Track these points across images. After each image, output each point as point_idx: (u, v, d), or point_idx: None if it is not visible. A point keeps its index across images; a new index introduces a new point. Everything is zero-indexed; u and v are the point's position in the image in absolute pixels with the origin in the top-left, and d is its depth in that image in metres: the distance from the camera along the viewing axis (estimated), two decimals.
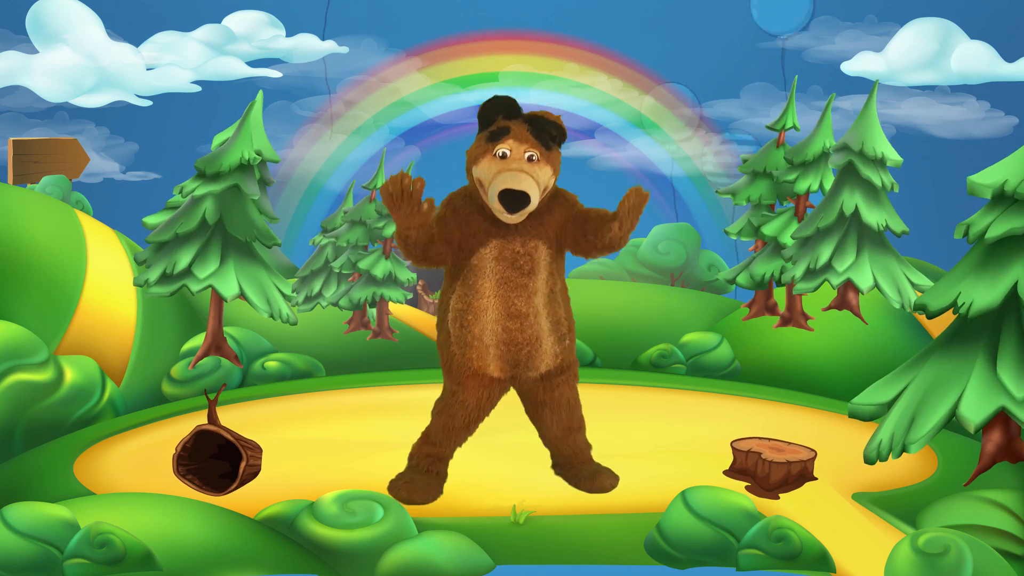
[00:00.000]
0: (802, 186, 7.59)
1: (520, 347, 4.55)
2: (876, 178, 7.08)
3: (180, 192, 7.17)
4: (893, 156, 7.13)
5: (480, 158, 4.48)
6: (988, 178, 4.62)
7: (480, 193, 4.51)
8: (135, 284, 7.13)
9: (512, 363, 4.58)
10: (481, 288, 4.53)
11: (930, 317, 4.75)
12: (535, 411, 4.82)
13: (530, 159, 4.43)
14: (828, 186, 7.47)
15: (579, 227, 4.61)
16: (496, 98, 4.55)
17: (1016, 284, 4.51)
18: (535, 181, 4.41)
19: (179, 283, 7.01)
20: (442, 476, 4.84)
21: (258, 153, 7.04)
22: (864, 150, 7.07)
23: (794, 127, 8.06)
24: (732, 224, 8.29)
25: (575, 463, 4.90)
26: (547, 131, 4.49)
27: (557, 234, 4.61)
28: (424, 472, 4.80)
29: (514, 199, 4.35)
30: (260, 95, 7.16)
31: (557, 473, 4.95)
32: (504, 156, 4.42)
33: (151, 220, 7.67)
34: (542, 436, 4.91)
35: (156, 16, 10.58)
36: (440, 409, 4.79)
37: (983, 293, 4.57)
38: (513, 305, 4.51)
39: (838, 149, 7.21)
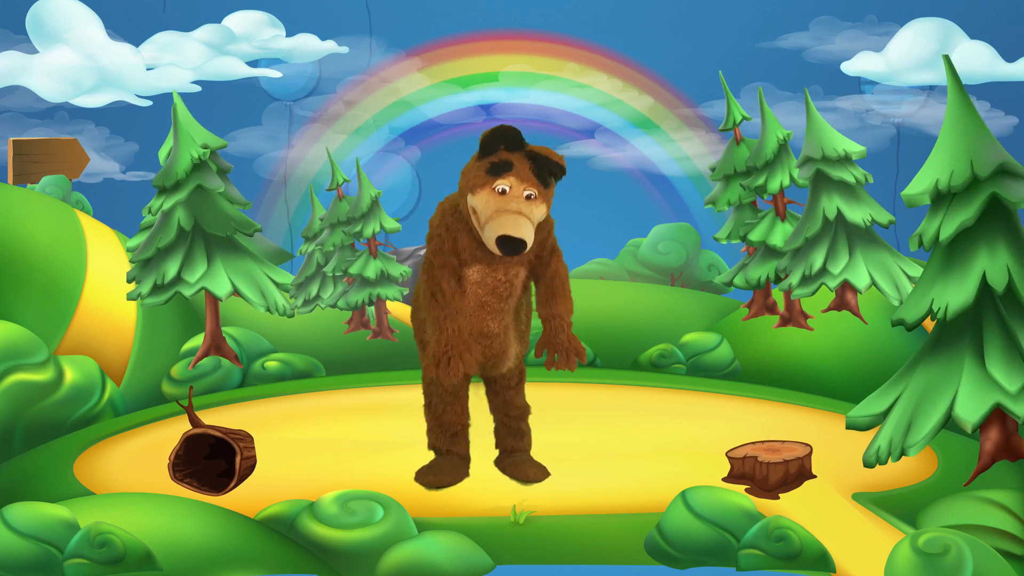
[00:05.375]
0: (774, 185, 7.58)
1: (489, 358, 4.79)
2: (848, 175, 7.08)
3: (149, 212, 7.22)
4: (855, 148, 7.12)
5: (479, 189, 4.50)
6: (919, 185, 4.60)
7: (472, 219, 4.55)
8: (129, 299, 7.15)
9: (481, 367, 4.81)
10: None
11: (909, 329, 4.72)
12: (496, 395, 5.02)
13: (528, 198, 4.47)
14: (797, 176, 7.43)
15: (536, 267, 4.74)
16: (501, 128, 4.57)
17: (984, 275, 4.51)
18: (531, 224, 4.46)
19: (172, 291, 7.06)
20: (465, 457, 4.97)
21: (204, 147, 7.08)
22: (826, 154, 7.08)
23: (744, 118, 8.04)
24: (720, 231, 8.28)
25: (520, 448, 5.03)
26: (548, 170, 4.54)
27: (534, 254, 4.70)
28: (445, 454, 4.95)
29: (512, 245, 4.41)
30: (176, 95, 7.21)
31: (499, 464, 5.04)
32: (503, 192, 4.45)
33: (131, 243, 7.75)
34: (499, 420, 5.06)
35: (156, 16, 10.58)
36: (423, 390, 4.97)
37: (955, 293, 4.55)
38: (487, 327, 4.71)
39: (802, 164, 7.23)
